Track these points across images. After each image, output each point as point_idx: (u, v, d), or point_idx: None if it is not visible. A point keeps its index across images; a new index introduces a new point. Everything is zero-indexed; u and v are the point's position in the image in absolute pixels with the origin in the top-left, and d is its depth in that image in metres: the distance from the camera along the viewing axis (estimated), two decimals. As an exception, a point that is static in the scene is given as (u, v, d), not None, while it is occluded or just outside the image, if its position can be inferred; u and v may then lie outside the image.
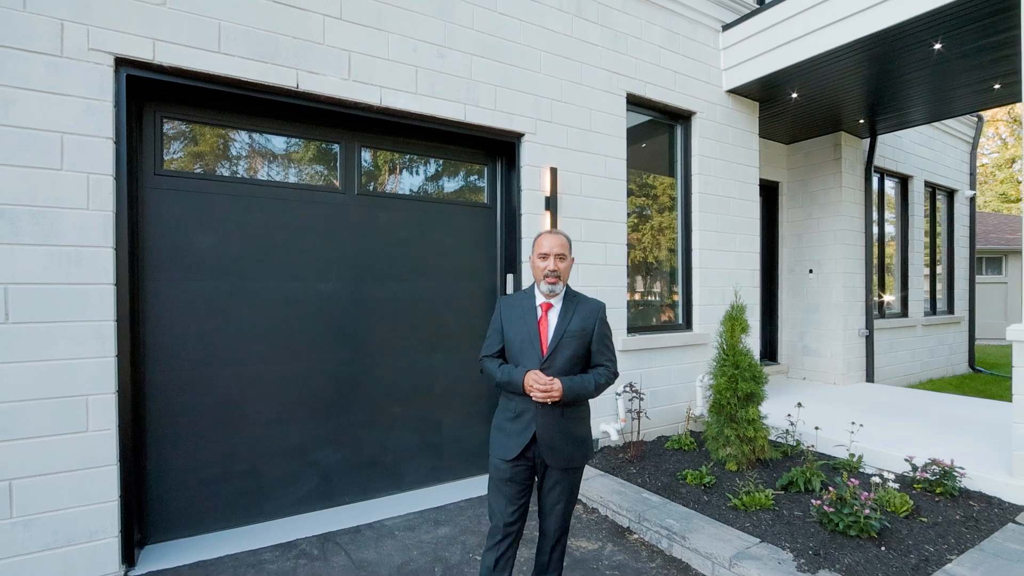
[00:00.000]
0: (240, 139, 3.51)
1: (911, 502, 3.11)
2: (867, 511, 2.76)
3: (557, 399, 2.11)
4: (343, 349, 3.71)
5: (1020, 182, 23.24)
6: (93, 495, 2.76)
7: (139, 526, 3.06)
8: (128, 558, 2.88)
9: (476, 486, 3.98)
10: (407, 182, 4.10)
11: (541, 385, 2.09)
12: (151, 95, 3.13)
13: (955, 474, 3.37)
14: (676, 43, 5.06)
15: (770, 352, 7.48)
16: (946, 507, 3.19)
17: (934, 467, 3.42)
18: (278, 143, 3.61)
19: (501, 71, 4.05)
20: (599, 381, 2.24)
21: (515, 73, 4.12)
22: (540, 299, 2.29)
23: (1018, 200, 23.00)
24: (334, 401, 3.69)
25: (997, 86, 5.27)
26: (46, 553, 2.66)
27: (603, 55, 4.57)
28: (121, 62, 2.87)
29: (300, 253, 3.58)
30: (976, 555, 2.67)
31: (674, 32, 5.05)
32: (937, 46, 4.47)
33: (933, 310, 8.73)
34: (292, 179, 3.65)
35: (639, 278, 5.30)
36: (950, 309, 9.00)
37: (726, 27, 5.36)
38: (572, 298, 2.30)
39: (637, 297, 5.24)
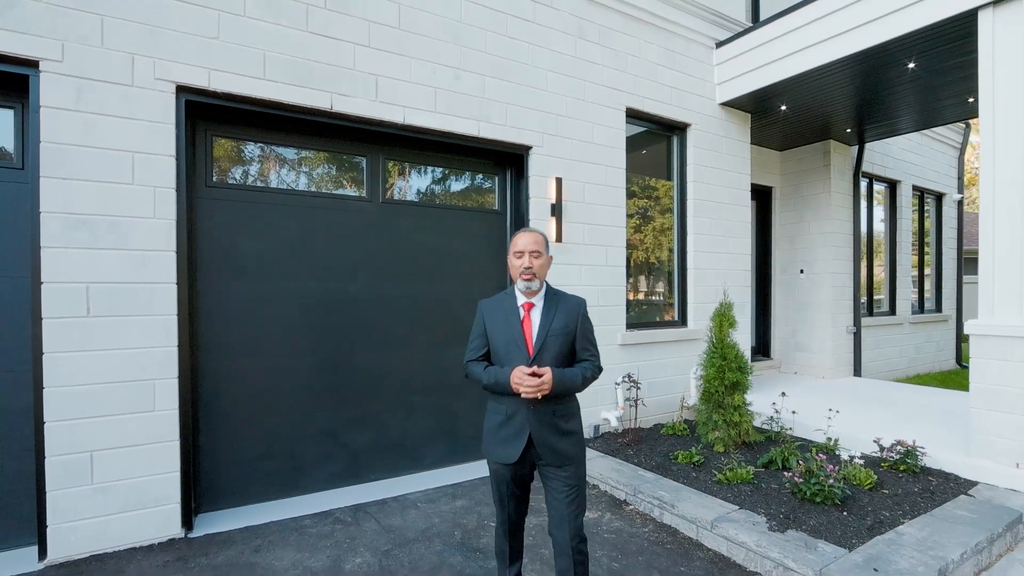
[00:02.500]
0: (278, 153, 3.92)
1: (875, 477, 3.51)
2: (831, 481, 3.17)
3: (547, 392, 2.10)
4: (369, 343, 4.12)
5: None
6: (159, 466, 3.18)
7: (194, 495, 3.48)
8: (187, 523, 3.30)
9: (487, 467, 4.38)
10: (426, 191, 4.51)
11: (531, 383, 2.06)
12: (203, 116, 3.54)
13: (917, 453, 3.77)
14: (672, 60, 5.46)
15: (764, 348, 7.86)
16: (907, 482, 3.59)
17: (899, 447, 3.82)
18: (312, 156, 4.03)
19: (511, 90, 4.46)
20: (585, 375, 2.23)
21: (523, 91, 4.52)
22: (521, 299, 2.28)
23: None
24: (361, 389, 4.10)
25: (971, 99, 5.65)
26: (120, 515, 3.08)
27: (604, 73, 4.97)
28: (181, 89, 3.28)
29: (330, 256, 3.99)
30: (926, 519, 3.07)
31: (670, 50, 5.45)
32: (911, 65, 4.85)
33: (921, 309, 9.11)
34: (323, 189, 4.06)
35: (638, 278, 5.70)
36: (938, 308, 9.37)
37: (719, 44, 5.75)
38: (553, 296, 2.30)
39: (637, 296, 5.64)
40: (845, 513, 3.11)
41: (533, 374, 2.09)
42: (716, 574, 2.83)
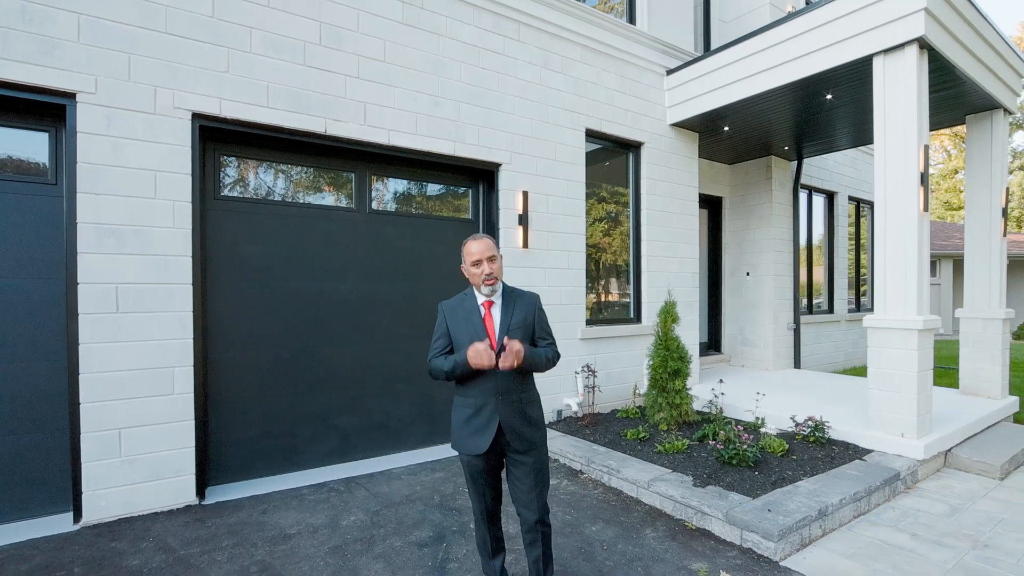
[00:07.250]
0: (278, 169, 4.44)
1: (787, 446, 4.22)
2: (745, 447, 3.85)
3: (522, 358, 2.21)
4: (357, 337, 4.66)
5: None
6: (177, 442, 3.68)
7: (205, 469, 3.96)
8: (200, 492, 3.79)
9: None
10: (407, 202, 5.08)
11: (506, 353, 2.17)
12: (213, 137, 4.04)
13: (824, 427, 4.50)
14: (627, 86, 6.14)
15: (715, 344, 8.63)
16: (814, 450, 4.31)
17: (809, 422, 4.54)
18: (308, 173, 4.55)
19: (483, 114, 5.06)
20: (548, 356, 2.41)
21: (494, 115, 5.13)
22: (481, 298, 2.42)
23: (960, 208, 24.95)
24: (350, 378, 4.64)
25: (886, 125, 6.47)
26: (144, 484, 3.57)
27: (566, 98, 5.62)
28: (196, 116, 3.79)
29: (324, 260, 4.52)
30: (821, 477, 3.77)
31: (625, 77, 6.13)
32: (831, 96, 5.63)
33: (858, 307, 10.03)
34: (318, 201, 4.59)
35: (597, 279, 6.35)
36: (873, 307, 10.31)
37: (670, 72, 6.46)
38: (510, 294, 2.45)
39: (596, 295, 6.29)
40: (757, 473, 3.79)
41: (503, 348, 2.20)
42: (649, 521, 3.47)
